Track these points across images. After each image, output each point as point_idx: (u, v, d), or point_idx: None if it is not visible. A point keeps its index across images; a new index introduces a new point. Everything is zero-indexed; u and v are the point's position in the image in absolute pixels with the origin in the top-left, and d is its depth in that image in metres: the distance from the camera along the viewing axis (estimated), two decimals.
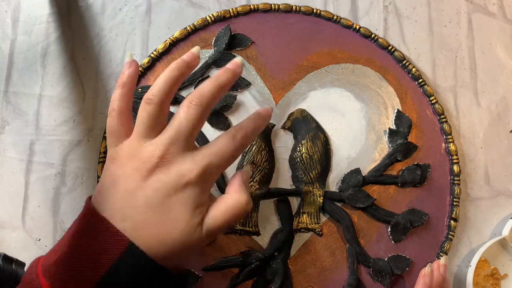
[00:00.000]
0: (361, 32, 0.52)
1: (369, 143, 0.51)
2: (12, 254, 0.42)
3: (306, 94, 0.51)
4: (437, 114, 0.51)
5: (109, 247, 0.32)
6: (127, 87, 0.37)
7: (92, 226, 0.33)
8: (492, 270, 0.50)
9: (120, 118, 0.36)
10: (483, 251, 0.48)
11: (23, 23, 0.51)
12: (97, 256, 0.32)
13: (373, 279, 0.48)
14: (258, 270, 0.46)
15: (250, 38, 0.51)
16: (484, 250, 0.48)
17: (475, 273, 0.48)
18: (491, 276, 0.50)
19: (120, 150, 0.36)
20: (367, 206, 0.48)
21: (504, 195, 0.52)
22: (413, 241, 0.49)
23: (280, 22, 0.52)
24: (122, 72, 0.37)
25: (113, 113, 0.36)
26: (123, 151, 0.35)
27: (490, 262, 0.50)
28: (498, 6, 0.56)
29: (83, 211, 0.35)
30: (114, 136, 0.36)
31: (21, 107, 0.49)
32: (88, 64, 0.50)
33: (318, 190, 0.48)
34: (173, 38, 0.50)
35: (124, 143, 0.36)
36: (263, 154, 0.48)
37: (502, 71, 0.55)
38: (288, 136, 0.50)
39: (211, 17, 0.51)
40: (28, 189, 0.47)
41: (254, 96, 0.50)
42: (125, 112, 0.37)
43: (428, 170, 0.50)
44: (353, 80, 0.52)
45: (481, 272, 0.49)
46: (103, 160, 0.47)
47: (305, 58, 0.51)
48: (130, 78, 0.37)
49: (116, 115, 0.36)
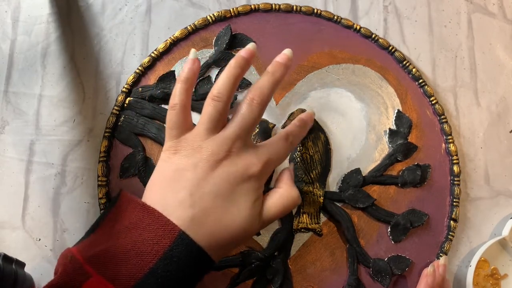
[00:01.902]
0: (361, 32, 0.52)
1: (370, 143, 0.51)
2: (12, 254, 0.42)
3: (307, 94, 0.51)
4: (437, 115, 0.51)
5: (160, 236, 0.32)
6: (189, 82, 0.39)
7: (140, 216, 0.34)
8: (492, 270, 0.50)
9: (183, 111, 0.38)
10: (483, 251, 0.48)
11: (23, 23, 0.51)
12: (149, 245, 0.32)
13: (373, 279, 0.48)
14: (258, 270, 0.46)
15: (251, 38, 0.51)
16: (484, 250, 0.48)
17: (475, 273, 0.48)
18: (491, 276, 0.50)
19: (185, 142, 0.37)
20: (367, 206, 0.48)
21: (504, 195, 0.52)
22: (413, 241, 0.49)
23: (281, 22, 0.52)
24: (183, 68, 0.39)
25: (176, 107, 0.38)
26: (188, 143, 0.37)
27: (490, 262, 0.50)
28: (498, 6, 0.56)
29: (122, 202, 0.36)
30: (176, 129, 0.38)
31: (21, 107, 0.49)
32: (88, 64, 0.50)
33: (318, 190, 0.48)
34: (174, 38, 0.50)
35: (187, 135, 0.38)
36: None
37: (502, 71, 0.55)
38: None
39: (211, 17, 0.51)
40: (28, 189, 0.47)
41: None
42: (187, 106, 0.39)
43: (428, 170, 0.50)
44: (353, 81, 0.52)
45: (481, 272, 0.49)
46: (103, 160, 0.47)
47: (306, 58, 0.51)
48: (193, 74, 0.39)
49: (179, 108, 0.38)
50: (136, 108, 0.49)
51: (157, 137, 0.48)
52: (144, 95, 0.49)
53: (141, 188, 0.47)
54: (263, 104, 0.38)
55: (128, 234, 0.33)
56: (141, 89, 0.49)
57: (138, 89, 0.49)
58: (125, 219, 0.34)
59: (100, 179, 0.47)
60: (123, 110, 0.49)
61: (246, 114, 0.37)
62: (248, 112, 0.37)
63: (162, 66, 0.50)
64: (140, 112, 0.49)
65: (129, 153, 0.48)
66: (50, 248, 0.46)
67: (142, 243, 0.32)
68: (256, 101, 0.37)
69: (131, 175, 0.48)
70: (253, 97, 0.37)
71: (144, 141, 0.49)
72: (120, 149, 0.48)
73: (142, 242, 0.32)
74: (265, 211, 0.38)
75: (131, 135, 0.48)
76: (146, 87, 0.49)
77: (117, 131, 0.48)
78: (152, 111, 0.49)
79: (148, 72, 0.50)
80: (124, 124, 0.49)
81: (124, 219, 0.34)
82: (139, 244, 0.32)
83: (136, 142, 0.48)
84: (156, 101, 0.49)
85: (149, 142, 0.49)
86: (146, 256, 0.32)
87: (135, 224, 0.33)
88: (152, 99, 0.49)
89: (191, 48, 0.49)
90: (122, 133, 0.48)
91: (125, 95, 0.49)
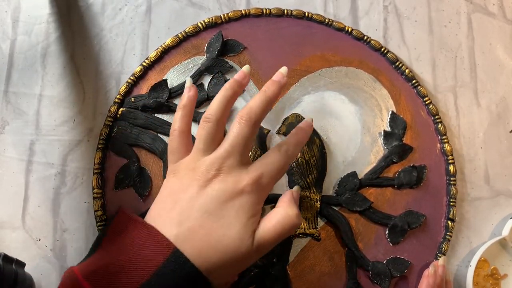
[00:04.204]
0: (353, 34, 0.52)
1: (365, 146, 0.51)
2: (12, 254, 0.43)
3: (300, 99, 0.51)
4: (431, 115, 0.51)
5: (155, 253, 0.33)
6: (187, 108, 0.41)
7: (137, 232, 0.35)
8: (492, 270, 0.50)
9: (180, 137, 0.40)
10: (483, 251, 0.48)
11: (23, 23, 0.51)
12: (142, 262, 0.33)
13: (372, 282, 0.48)
14: (257, 278, 0.46)
15: (243, 43, 0.51)
16: (484, 250, 0.48)
17: (475, 273, 0.48)
18: (491, 276, 0.50)
19: (181, 164, 0.39)
20: (364, 209, 0.48)
21: (504, 195, 0.52)
22: (411, 242, 0.49)
23: (272, 26, 0.52)
24: (183, 95, 0.42)
25: (174, 133, 0.40)
26: (183, 165, 0.39)
27: (490, 262, 0.50)
28: (498, 6, 0.56)
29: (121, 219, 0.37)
30: (175, 154, 0.40)
31: (21, 107, 0.49)
32: (88, 64, 0.50)
33: (315, 195, 0.48)
34: (165, 46, 0.50)
35: (185, 159, 0.39)
36: None
37: (502, 71, 0.55)
38: None
39: (202, 24, 0.51)
40: (28, 189, 0.48)
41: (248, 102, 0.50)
42: (185, 131, 0.40)
43: (424, 171, 0.50)
44: (346, 83, 0.52)
45: (481, 272, 0.49)
46: (98, 172, 0.47)
47: (298, 62, 0.51)
48: (190, 101, 0.41)
49: (178, 134, 0.40)
50: (129, 118, 0.49)
51: (151, 147, 0.48)
52: (137, 105, 0.49)
53: (137, 199, 0.47)
54: (252, 122, 0.38)
55: (125, 250, 0.34)
56: (133, 99, 0.49)
57: (130, 99, 0.49)
58: (124, 237, 0.35)
59: (95, 191, 0.47)
60: (116, 121, 0.49)
61: (235, 132, 0.38)
62: (237, 130, 0.38)
63: (154, 75, 0.50)
64: (133, 122, 0.49)
65: (123, 164, 0.48)
66: (50, 248, 0.47)
67: (138, 259, 0.33)
68: (245, 119, 0.38)
69: (126, 186, 0.48)
70: (242, 115, 0.38)
71: (139, 152, 0.48)
72: (114, 160, 0.48)
73: (138, 258, 0.33)
74: (260, 232, 0.37)
75: (125, 146, 0.48)
76: (139, 97, 0.49)
77: (110, 142, 0.48)
78: (146, 121, 0.49)
79: (140, 81, 0.50)
80: (117, 135, 0.48)
81: (123, 236, 0.35)
82: (134, 260, 0.33)
83: (130, 152, 0.48)
84: (149, 111, 0.49)
85: (143, 152, 0.49)
86: (140, 272, 0.33)
87: (133, 240, 0.34)
88: (145, 108, 0.49)
89: (182, 55, 0.50)
90: (116, 144, 0.48)
91: (117, 106, 0.49)
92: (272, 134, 0.50)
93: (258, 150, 0.48)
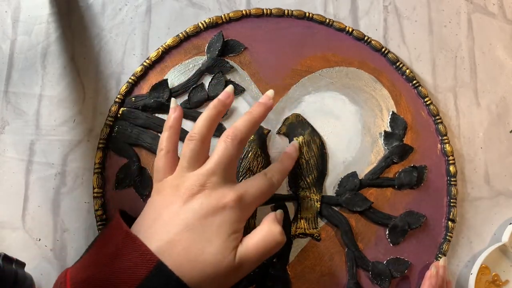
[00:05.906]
0: (354, 35, 0.52)
1: (365, 146, 0.51)
2: (12, 254, 0.43)
3: (301, 99, 0.51)
4: (432, 115, 0.51)
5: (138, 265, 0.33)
6: (173, 129, 0.42)
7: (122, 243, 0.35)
8: (493, 276, 0.50)
9: (166, 157, 0.41)
10: (484, 258, 0.48)
11: (23, 23, 0.51)
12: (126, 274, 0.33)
13: (373, 282, 0.48)
14: (257, 278, 0.46)
15: (243, 43, 0.51)
16: (485, 257, 0.48)
17: (477, 280, 0.48)
18: (493, 282, 0.50)
19: (165, 183, 0.39)
20: (364, 210, 0.48)
21: (504, 195, 0.52)
22: (411, 243, 0.49)
23: (273, 26, 0.52)
24: (168, 116, 0.42)
25: (161, 153, 0.41)
26: (167, 183, 0.39)
27: (491, 269, 0.50)
28: (498, 6, 0.56)
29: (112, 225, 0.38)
30: (160, 172, 0.40)
31: (21, 107, 0.49)
32: (88, 64, 0.50)
33: (315, 195, 0.48)
34: (166, 46, 0.50)
35: (169, 177, 0.40)
36: (259, 160, 0.48)
37: (502, 71, 0.55)
38: (283, 142, 0.50)
39: (203, 24, 0.51)
40: (28, 189, 0.48)
41: (248, 102, 0.50)
42: (171, 151, 0.41)
43: (425, 171, 0.50)
44: (347, 83, 0.52)
45: (483, 278, 0.49)
46: (98, 171, 0.47)
47: (299, 63, 0.51)
48: (176, 122, 0.42)
49: (164, 154, 0.41)
50: (130, 118, 0.49)
51: (152, 147, 0.48)
52: (137, 104, 0.49)
53: (137, 199, 0.47)
54: (237, 141, 0.39)
55: (110, 262, 0.34)
56: (134, 99, 0.49)
57: (131, 98, 0.49)
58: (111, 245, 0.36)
59: (95, 190, 0.47)
60: (116, 121, 0.49)
61: (220, 151, 0.39)
62: (222, 149, 0.39)
63: (154, 75, 0.50)
64: (134, 122, 0.49)
65: (124, 163, 0.48)
66: (50, 248, 0.47)
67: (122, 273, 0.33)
68: (230, 137, 0.39)
69: (127, 186, 0.48)
70: (228, 134, 0.39)
71: (139, 151, 0.48)
72: (114, 160, 0.48)
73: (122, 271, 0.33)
74: (243, 248, 0.37)
75: (126, 145, 0.48)
76: (139, 97, 0.49)
77: (111, 142, 0.48)
78: (146, 120, 0.49)
79: (141, 81, 0.50)
80: (118, 135, 0.48)
81: (111, 245, 0.36)
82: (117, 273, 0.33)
83: (130, 152, 0.48)
84: (150, 111, 0.49)
85: (143, 152, 0.49)
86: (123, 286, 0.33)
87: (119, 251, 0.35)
88: (145, 108, 0.49)
89: (183, 55, 0.50)
90: (117, 144, 0.48)
91: (118, 105, 0.49)
92: (272, 134, 0.50)
93: (258, 150, 0.48)
